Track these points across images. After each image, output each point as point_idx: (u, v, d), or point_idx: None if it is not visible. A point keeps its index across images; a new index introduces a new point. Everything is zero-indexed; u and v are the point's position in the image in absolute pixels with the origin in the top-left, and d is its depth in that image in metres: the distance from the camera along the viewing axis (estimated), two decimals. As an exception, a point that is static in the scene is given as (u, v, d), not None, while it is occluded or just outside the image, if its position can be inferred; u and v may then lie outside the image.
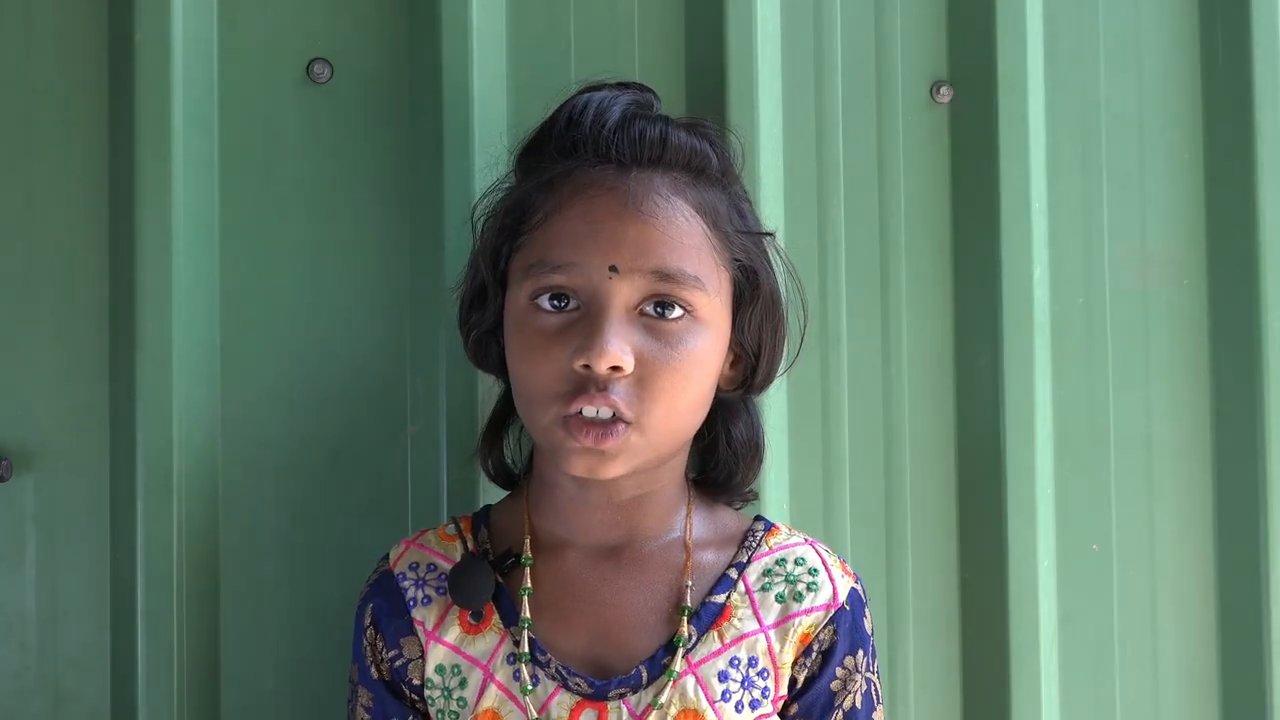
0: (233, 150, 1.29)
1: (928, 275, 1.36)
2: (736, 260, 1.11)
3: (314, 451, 1.29)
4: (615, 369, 1.04)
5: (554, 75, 1.26)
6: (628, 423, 1.05)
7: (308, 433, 1.29)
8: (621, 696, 1.08)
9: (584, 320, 1.06)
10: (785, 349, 1.18)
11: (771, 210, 1.30)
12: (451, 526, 1.17)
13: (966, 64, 1.36)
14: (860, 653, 1.13)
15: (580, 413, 1.04)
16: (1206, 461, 1.41)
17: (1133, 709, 1.39)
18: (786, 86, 1.34)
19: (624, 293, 1.06)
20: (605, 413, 1.04)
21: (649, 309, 1.07)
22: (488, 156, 1.23)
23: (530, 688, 1.08)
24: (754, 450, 1.19)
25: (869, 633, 1.14)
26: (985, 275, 1.35)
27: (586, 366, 1.04)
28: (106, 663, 1.28)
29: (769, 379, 1.17)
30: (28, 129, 1.29)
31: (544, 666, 1.09)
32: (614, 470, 1.06)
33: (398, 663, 1.13)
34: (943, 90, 1.37)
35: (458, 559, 1.14)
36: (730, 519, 1.18)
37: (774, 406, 1.30)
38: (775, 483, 1.30)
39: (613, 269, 1.05)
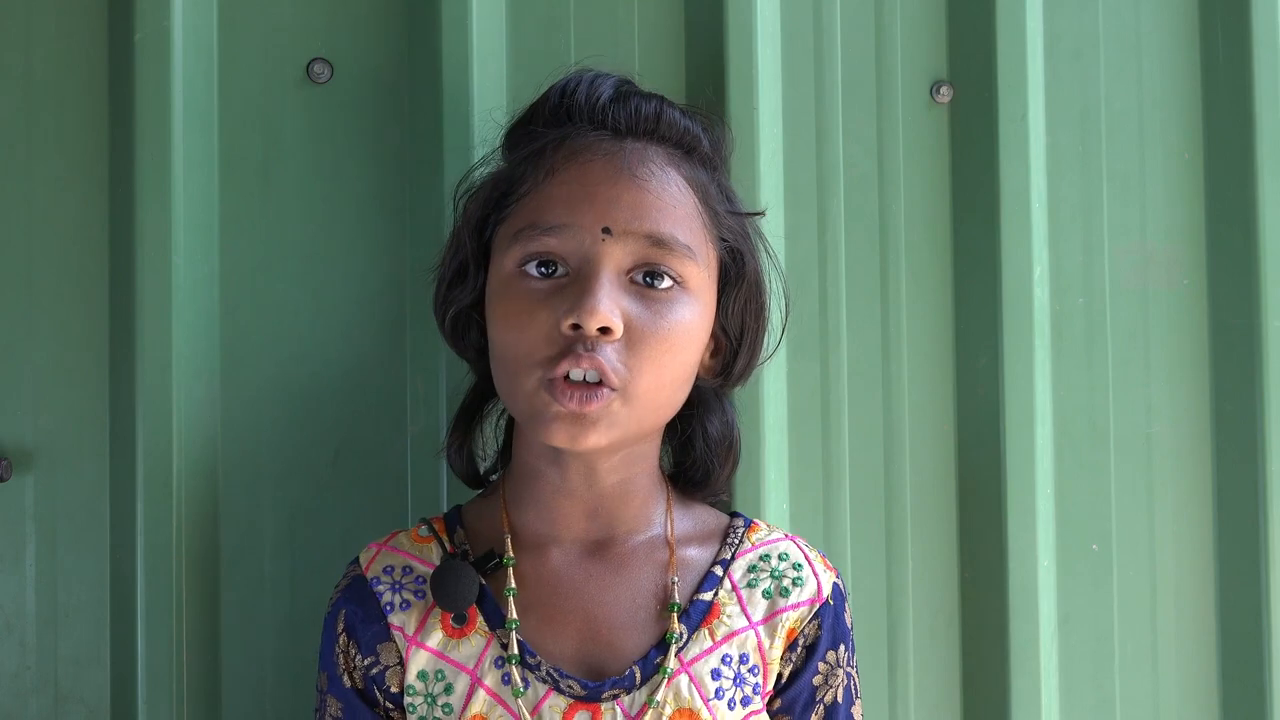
0: (233, 150, 1.29)
1: (928, 275, 1.36)
2: (724, 240, 1.11)
3: (314, 451, 1.29)
4: (604, 331, 1.02)
5: (554, 75, 1.26)
6: (613, 388, 1.03)
7: (308, 433, 1.29)
8: (615, 698, 1.07)
9: (574, 284, 1.04)
10: (767, 340, 1.17)
11: (772, 210, 1.30)
12: (425, 528, 1.15)
13: (966, 64, 1.36)
14: (842, 647, 1.13)
15: (566, 376, 1.03)
16: (1206, 461, 1.41)
17: (1133, 709, 1.39)
18: (786, 86, 1.34)
19: (616, 256, 1.05)
20: (592, 375, 1.03)
21: (639, 277, 1.06)
22: (485, 144, 1.23)
23: (521, 691, 1.07)
24: (729, 448, 1.18)
25: (849, 627, 1.14)
26: (985, 275, 1.35)
27: (576, 327, 1.02)
28: (106, 663, 1.28)
29: (749, 369, 1.17)
30: (28, 129, 1.29)
31: (534, 669, 1.08)
32: (594, 439, 1.04)
33: (374, 670, 1.11)
34: (943, 90, 1.37)
35: (434, 561, 1.12)
36: (709, 516, 1.18)
37: (774, 406, 1.30)
38: (775, 483, 1.30)
39: (606, 231, 1.04)
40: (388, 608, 1.11)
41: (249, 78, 1.30)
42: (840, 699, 1.12)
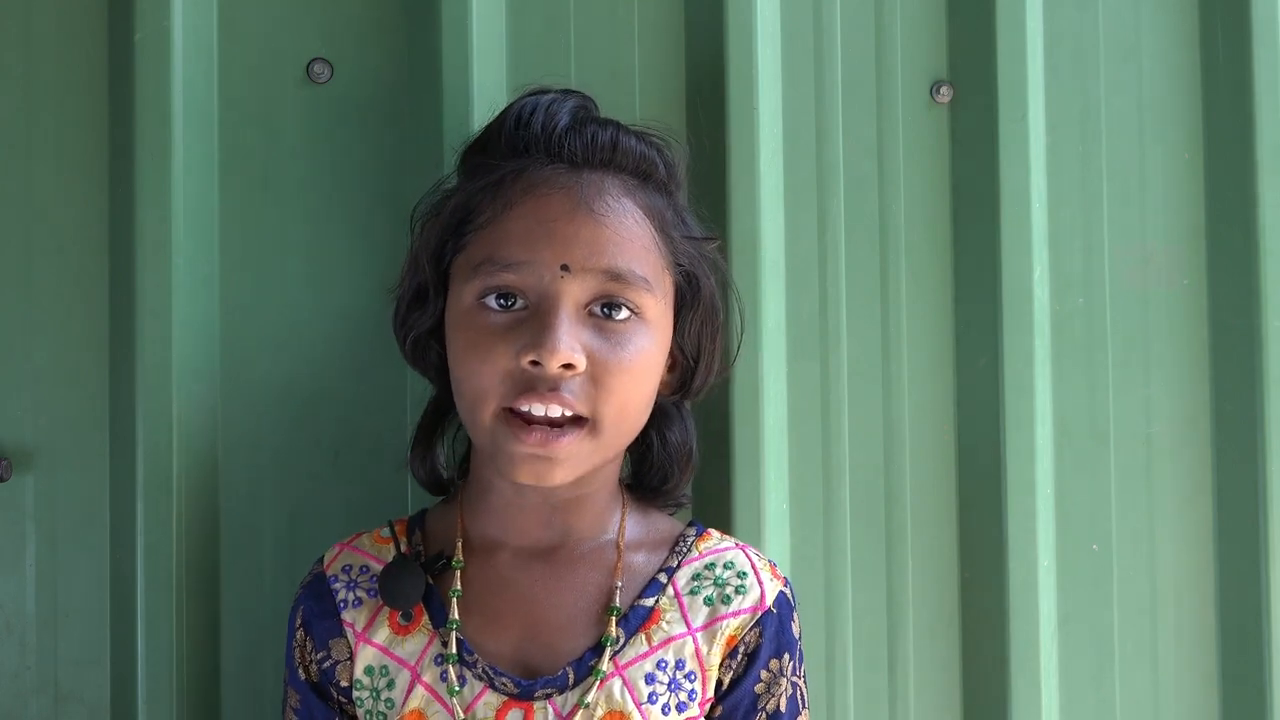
0: (233, 150, 1.29)
1: (928, 275, 1.36)
2: (679, 265, 1.13)
3: (314, 451, 1.29)
4: (566, 367, 1.04)
5: (554, 75, 1.26)
6: (583, 418, 1.05)
7: (308, 433, 1.29)
8: (548, 697, 1.08)
9: (533, 318, 1.05)
10: (721, 356, 1.19)
11: (771, 210, 1.30)
12: (386, 529, 1.17)
13: (966, 64, 1.36)
14: (786, 656, 1.13)
15: (528, 410, 1.04)
16: (1206, 461, 1.40)
17: (1133, 709, 1.39)
18: (786, 86, 1.34)
19: (574, 292, 1.06)
20: (555, 411, 1.04)
21: (597, 309, 1.07)
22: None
23: (457, 688, 1.09)
24: (687, 455, 1.20)
25: (796, 637, 1.14)
26: (985, 275, 1.35)
27: (535, 363, 1.03)
28: (106, 663, 1.28)
29: (705, 384, 1.18)
30: (28, 128, 1.29)
31: (471, 667, 1.10)
32: (560, 477, 1.06)
33: (326, 664, 1.13)
34: (943, 90, 1.37)
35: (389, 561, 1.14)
36: (664, 523, 1.19)
37: (774, 406, 1.30)
38: (775, 483, 1.30)
39: (564, 268, 1.05)
40: (341, 604, 1.14)
41: (249, 78, 1.30)
42: (784, 708, 1.12)
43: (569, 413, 1.05)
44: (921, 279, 1.36)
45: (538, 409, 1.04)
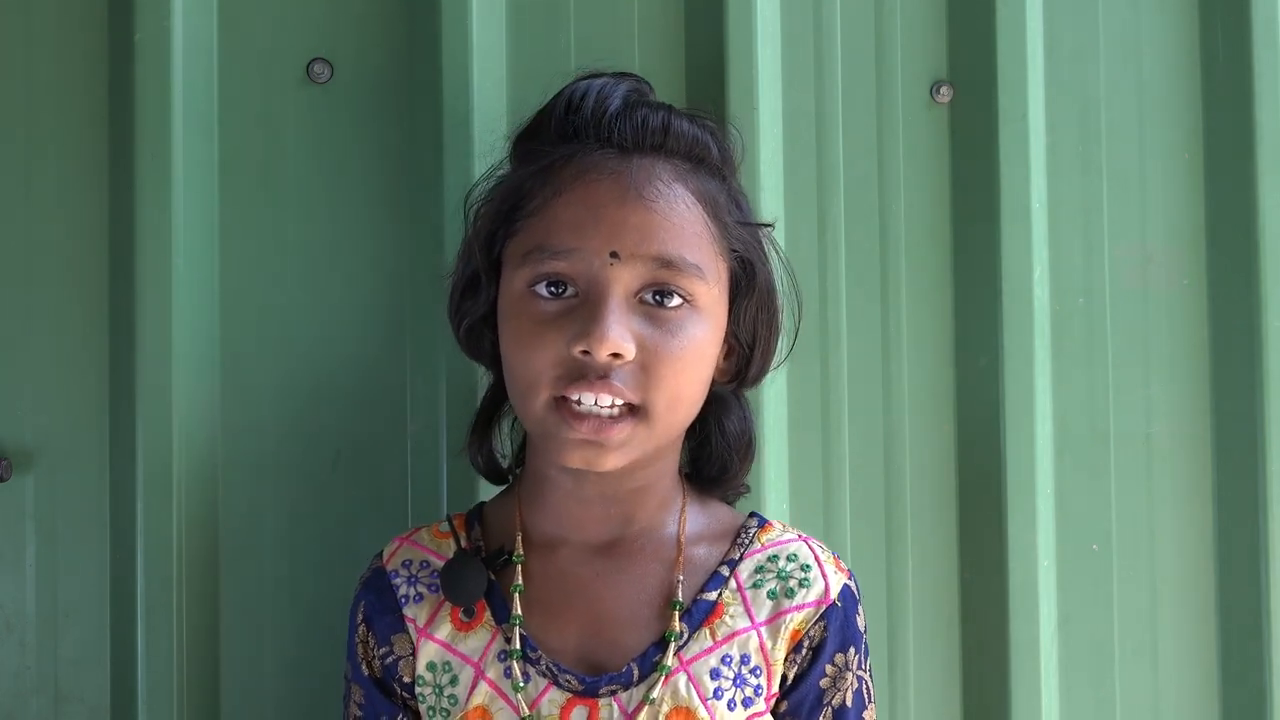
0: (233, 150, 1.29)
1: (928, 275, 1.36)
2: (734, 251, 1.11)
3: (314, 451, 1.29)
4: (615, 356, 1.03)
5: (554, 76, 1.26)
6: (634, 406, 1.04)
7: (308, 433, 1.29)
8: (613, 693, 1.08)
9: (583, 306, 1.04)
10: (780, 343, 1.18)
11: (771, 210, 1.30)
12: (445, 524, 1.16)
13: (966, 64, 1.37)
14: (851, 650, 1.12)
15: (578, 400, 1.03)
16: (1206, 461, 1.40)
17: (1133, 709, 1.39)
18: (786, 86, 1.34)
19: (624, 279, 1.04)
20: (605, 400, 1.03)
21: (648, 297, 1.06)
22: (485, 144, 1.23)
23: (521, 685, 1.08)
24: (747, 444, 1.18)
25: (861, 630, 1.13)
26: (985, 275, 1.35)
27: (585, 352, 1.02)
28: (106, 663, 1.28)
29: (763, 372, 1.17)
30: (28, 129, 1.29)
31: (535, 664, 1.09)
32: (612, 462, 1.05)
33: (388, 660, 1.12)
34: (943, 90, 1.37)
35: (449, 556, 1.13)
36: (725, 514, 1.18)
37: (774, 406, 1.30)
38: (775, 483, 1.30)
39: (614, 255, 1.04)
40: (403, 600, 1.13)
41: (249, 78, 1.30)
42: (850, 703, 1.11)
43: (619, 401, 1.04)
44: (921, 279, 1.36)
45: (588, 398, 1.03)
